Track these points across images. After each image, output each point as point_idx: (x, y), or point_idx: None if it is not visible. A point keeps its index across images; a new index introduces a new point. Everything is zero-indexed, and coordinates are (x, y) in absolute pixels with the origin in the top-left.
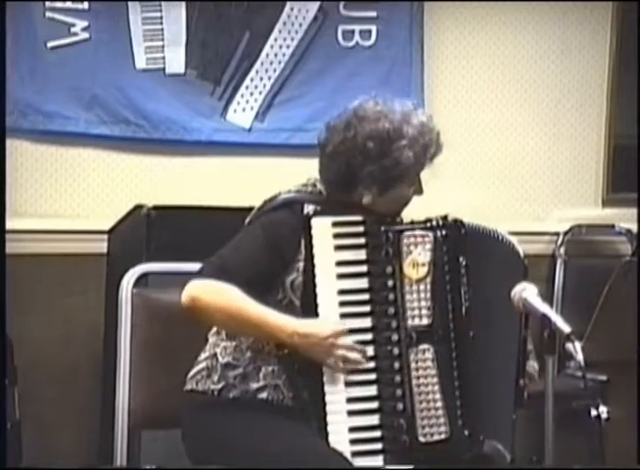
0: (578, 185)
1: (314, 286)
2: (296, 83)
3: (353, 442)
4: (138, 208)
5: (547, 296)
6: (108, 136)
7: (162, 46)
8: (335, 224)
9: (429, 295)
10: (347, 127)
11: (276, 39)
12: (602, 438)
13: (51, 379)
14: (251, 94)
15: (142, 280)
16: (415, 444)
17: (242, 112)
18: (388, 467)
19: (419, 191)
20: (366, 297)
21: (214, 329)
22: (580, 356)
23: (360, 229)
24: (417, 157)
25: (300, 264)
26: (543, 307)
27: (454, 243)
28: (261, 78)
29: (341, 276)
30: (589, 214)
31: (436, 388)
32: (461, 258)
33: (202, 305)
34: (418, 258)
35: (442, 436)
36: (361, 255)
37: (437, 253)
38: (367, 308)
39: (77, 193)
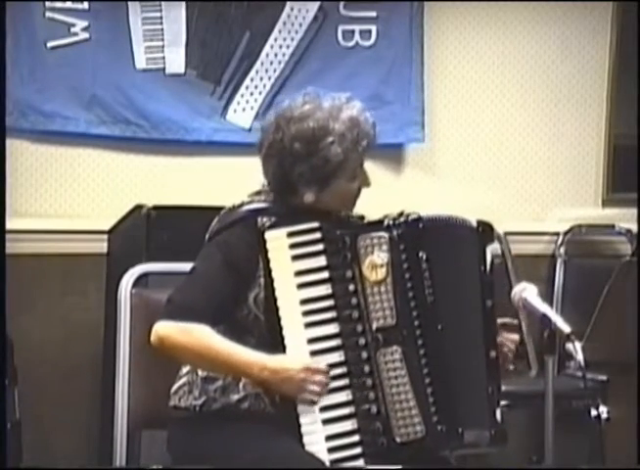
0: (578, 185)
1: (275, 299)
2: (296, 83)
3: (331, 450)
4: (138, 208)
5: (547, 296)
6: (108, 136)
7: (162, 46)
8: (290, 234)
9: (390, 296)
10: (276, 129)
11: (276, 39)
12: (602, 438)
13: (51, 379)
14: (252, 94)
15: (142, 280)
16: (393, 445)
17: (242, 112)
18: (377, 467)
19: (365, 183)
20: (329, 303)
21: None
22: (580, 356)
23: (316, 236)
24: (347, 152)
25: (261, 280)
26: (543, 307)
27: (412, 240)
28: (261, 78)
29: (301, 286)
30: (589, 214)
31: (408, 387)
32: (421, 253)
33: (170, 345)
34: (376, 261)
35: (418, 435)
36: (320, 261)
37: (394, 253)
38: (331, 315)
39: (77, 193)
